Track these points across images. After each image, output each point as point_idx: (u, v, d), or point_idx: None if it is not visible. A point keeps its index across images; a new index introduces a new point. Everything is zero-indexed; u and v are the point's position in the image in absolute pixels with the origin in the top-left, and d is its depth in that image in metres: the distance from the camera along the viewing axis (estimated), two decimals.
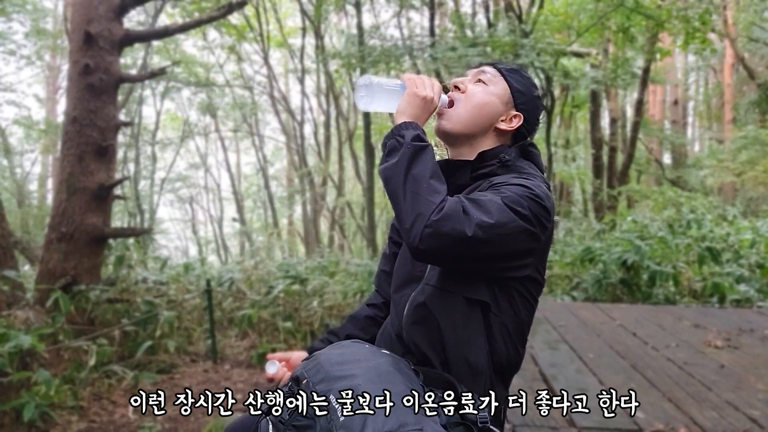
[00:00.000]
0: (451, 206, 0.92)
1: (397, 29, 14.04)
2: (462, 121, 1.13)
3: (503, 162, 1.10)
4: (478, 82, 1.15)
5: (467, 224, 0.91)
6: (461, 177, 1.12)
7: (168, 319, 4.26)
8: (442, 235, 0.90)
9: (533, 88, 1.18)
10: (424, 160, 0.98)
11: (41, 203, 15.56)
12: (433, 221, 0.90)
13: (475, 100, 1.13)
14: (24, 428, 2.98)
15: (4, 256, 3.75)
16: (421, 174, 0.97)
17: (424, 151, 0.99)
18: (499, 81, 1.15)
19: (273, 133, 21.45)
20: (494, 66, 1.17)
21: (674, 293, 5.93)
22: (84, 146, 4.35)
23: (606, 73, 9.78)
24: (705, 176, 14.19)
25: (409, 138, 1.00)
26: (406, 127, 1.02)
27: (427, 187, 0.95)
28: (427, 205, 0.92)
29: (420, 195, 0.94)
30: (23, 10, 12.80)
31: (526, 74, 1.19)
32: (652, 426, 2.36)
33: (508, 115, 1.14)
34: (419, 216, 0.92)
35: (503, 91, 1.14)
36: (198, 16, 8.80)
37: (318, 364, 0.93)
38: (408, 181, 0.96)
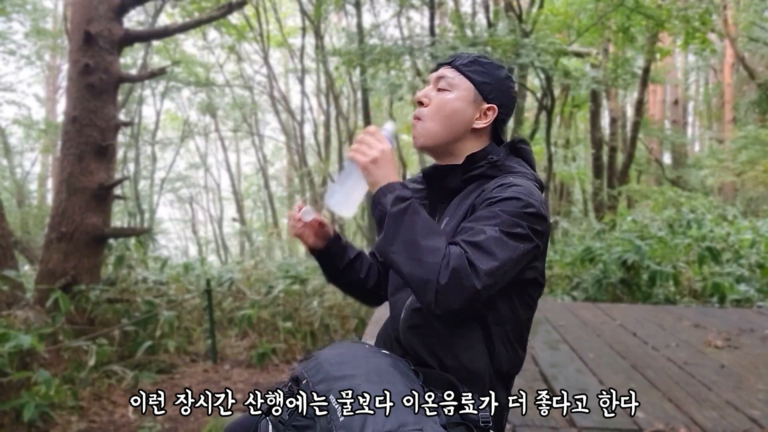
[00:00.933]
0: (455, 262, 0.90)
1: (397, 29, 14.05)
2: (434, 134, 1.10)
3: (492, 163, 1.08)
4: (440, 90, 1.11)
5: (476, 278, 0.90)
6: (452, 181, 1.11)
7: (168, 319, 4.26)
8: (455, 295, 0.90)
9: (497, 70, 1.13)
10: (410, 222, 0.95)
11: (41, 203, 15.55)
12: (442, 286, 0.89)
13: (442, 111, 1.09)
14: (24, 428, 2.98)
15: (4, 256, 3.75)
16: (412, 239, 0.93)
17: (406, 213, 0.96)
18: (460, 81, 1.10)
19: (273, 132, 21.46)
20: (452, 65, 1.12)
21: (674, 293, 5.92)
22: (84, 146, 4.35)
23: (606, 72, 9.78)
24: (705, 176, 14.18)
25: (389, 204, 0.97)
26: (383, 194, 0.99)
27: (425, 249, 0.92)
28: (431, 269, 0.90)
29: (420, 260, 0.92)
30: (23, 10, 12.79)
31: (486, 61, 1.13)
32: (652, 426, 2.36)
33: (481, 112, 1.11)
34: (427, 283, 0.90)
35: (467, 91, 1.10)
36: (198, 15, 8.80)
37: (318, 364, 0.92)
38: (402, 250, 0.94)
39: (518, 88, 11.04)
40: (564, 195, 16.44)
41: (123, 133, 13.82)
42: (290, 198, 19.22)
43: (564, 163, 15.38)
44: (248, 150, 22.13)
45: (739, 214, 9.15)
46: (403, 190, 0.99)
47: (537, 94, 11.10)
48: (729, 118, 16.02)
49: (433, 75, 1.14)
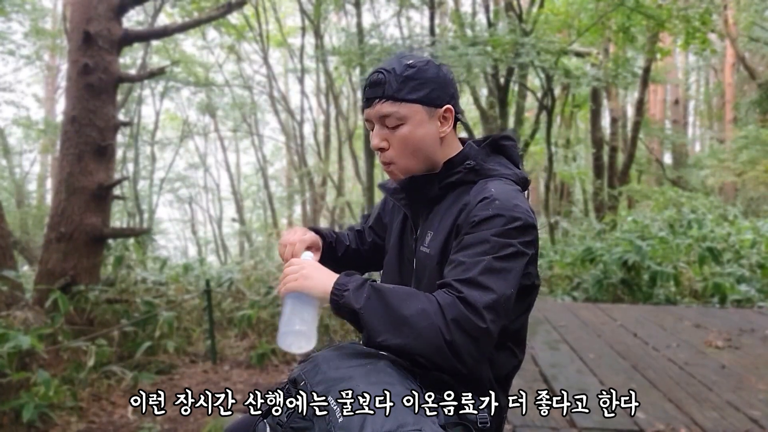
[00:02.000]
0: (452, 313, 0.87)
1: (397, 28, 14.04)
2: (412, 169, 1.06)
3: (470, 168, 1.05)
4: (393, 128, 1.03)
5: (478, 319, 0.87)
6: (430, 190, 1.07)
7: (167, 320, 4.25)
8: (470, 344, 0.87)
9: (427, 68, 1.03)
10: (383, 303, 0.90)
11: (40, 203, 15.54)
12: (452, 343, 0.86)
13: (409, 147, 1.03)
14: (23, 429, 2.97)
15: (3, 256, 3.74)
16: (395, 317, 0.88)
17: (372, 298, 0.90)
18: (406, 109, 1.01)
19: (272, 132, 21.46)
20: (386, 98, 1.01)
21: (675, 293, 5.92)
22: (83, 146, 4.34)
23: (607, 72, 9.77)
24: (706, 176, 14.18)
25: (353, 301, 0.91)
26: (339, 296, 0.92)
27: (413, 319, 0.87)
28: (432, 332, 0.86)
29: (418, 333, 0.87)
30: (22, 10, 12.78)
31: (412, 67, 1.02)
32: (653, 426, 2.35)
33: (440, 119, 1.05)
34: (438, 349, 0.86)
35: (418, 113, 1.02)
36: (197, 15, 8.79)
37: (316, 366, 0.92)
38: (395, 333, 0.88)
39: (518, 87, 11.07)
40: (564, 195, 16.43)
41: (122, 133, 13.82)
42: (290, 198, 19.22)
43: (564, 163, 15.37)
44: (248, 150, 22.14)
45: (739, 214, 9.16)
46: (351, 279, 0.94)
47: (537, 94, 11.09)
48: (730, 118, 16.02)
49: (371, 113, 1.04)
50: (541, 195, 14.15)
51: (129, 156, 15.54)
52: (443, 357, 0.87)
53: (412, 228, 1.15)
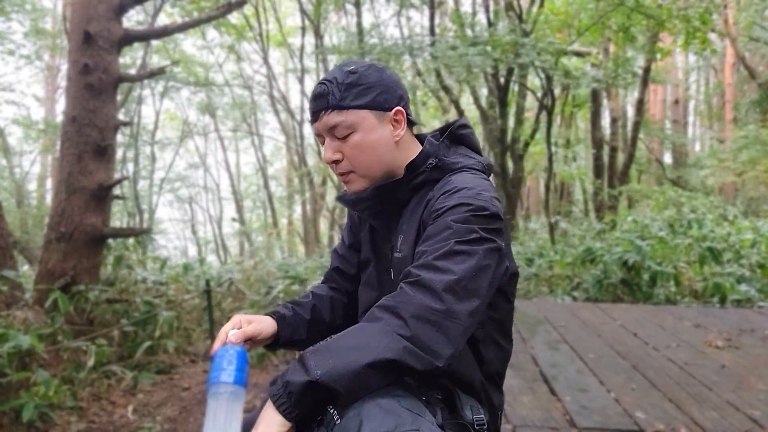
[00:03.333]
0: (407, 309, 0.81)
1: (397, 28, 14.05)
2: (371, 177, 1.03)
3: (433, 166, 1.03)
4: (343, 138, 1.00)
5: (435, 299, 0.82)
6: (399, 194, 1.05)
7: (167, 320, 4.25)
8: (435, 334, 0.81)
9: (370, 73, 1.00)
10: (327, 356, 0.79)
11: (40, 203, 15.55)
12: (413, 338, 0.80)
13: (362, 154, 1.00)
14: (23, 428, 2.97)
15: (3, 256, 3.74)
16: (348, 348, 0.80)
17: (314, 359, 0.79)
18: (354, 116, 0.98)
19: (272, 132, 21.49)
20: (331, 108, 0.99)
21: (675, 293, 5.92)
22: (83, 146, 4.34)
23: (607, 72, 9.77)
24: (706, 176, 14.19)
25: (300, 376, 0.78)
26: (283, 397, 0.78)
27: (369, 341, 0.80)
28: (394, 341, 0.79)
29: (379, 347, 0.79)
30: (22, 10, 12.78)
31: (355, 73, 0.99)
32: (653, 426, 2.35)
33: (392, 124, 1.02)
34: (406, 351, 0.79)
35: (367, 118, 0.99)
36: (197, 15, 8.79)
37: None
38: (360, 356, 0.78)
39: (518, 87, 11.07)
40: (564, 195, 16.44)
41: (122, 133, 13.82)
42: (290, 198, 19.21)
43: (564, 163, 15.38)
44: (248, 150, 22.16)
45: (739, 214, 9.16)
46: (279, 376, 0.81)
47: (537, 94, 11.09)
48: (730, 118, 16.02)
49: (319, 126, 1.02)
50: (541, 195, 14.15)
51: (129, 156, 15.54)
52: (416, 357, 0.80)
53: (384, 237, 1.12)
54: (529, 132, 10.99)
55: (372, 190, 1.04)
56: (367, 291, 1.15)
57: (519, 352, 3.50)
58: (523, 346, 3.69)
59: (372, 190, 1.04)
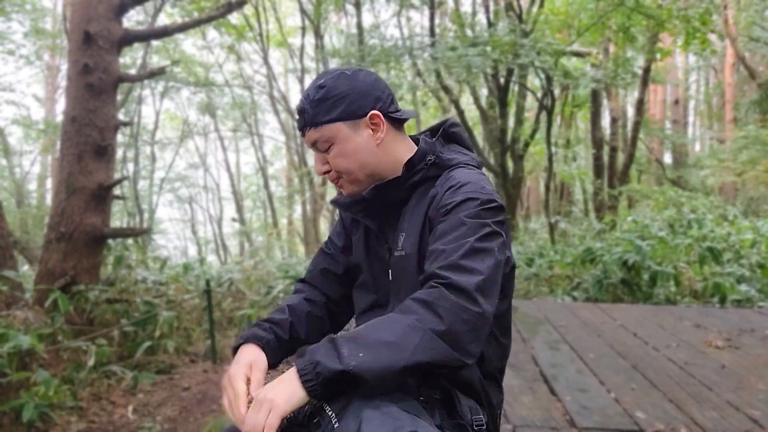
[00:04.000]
0: (442, 305, 0.82)
1: (397, 29, 14.05)
2: (360, 180, 1.05)
3: (431, 163, 1.05)
4: (326, 152, 1.04)
5: (472, 302, 0.84)
6: (396, 194, 1.06)
7: (167, 320, 4.25)
8: (469, 333, 0.83)
9: (338, 83, 1.02)
10: (360, 347, 0.80)
11: (40, 203, 15.55)
12: (449, 336, 0.81)
13: (346, 161, 1.03)
14: (23, 428, 2.97)
15: (3, 256, 3.74)
16: (384, 344, 0.80)
17: (348, 347, 0.80)
18: (328, 131, 1.01)
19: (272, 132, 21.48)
20: (309, 127, 1.02)
21: (675, 293, 5.92)
22: (83, 146, 4.34)
23: (606, 72, 9.78)
24: (706, 176, 14.20)
25: (333, 364, 0.79)
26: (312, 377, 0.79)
27: (403, 337, 0.80)
28: (428, 339, 0.80)
29: (414, 346, 0.80)
30: (22, 10, 12.78)
31: (323, 86, 1.01)
32: (653, 426, 2.35)
33: (370, 128, 1.03)
34: (442, 350, 0.81)
35: (340, 130, 1.01)
36: (197, 15, 8.79)
37: None
38: (396, 358, 0.79)
39: (518, 88, 11.07)
40: (564, 195, 16.45)
41: (122, 133, 13.82)
42: (290, 198, 19.21)
43: (564, 163, 15.39)
44: (248, 150, 22.16)
45: (739, 214, 9.16)
46: (311, 352, 0.83)
47: (537, 94, 11.10)
48: (730, 118, 16.02)
49: (305, 141, 1.07)
50: (541, 195, 14.15)
51: (129, 156, 15.54)
52: (449, 356, 0.82)
53: (379, 238, 1.12)
54: (529, 132, 10.99)
55: (371, 190, 1.05)
56: (363, 294, 1.15)
57: (519, 352, 3.50)
58: (524, 346, 3.69)
59: (371, 190, 1.05)
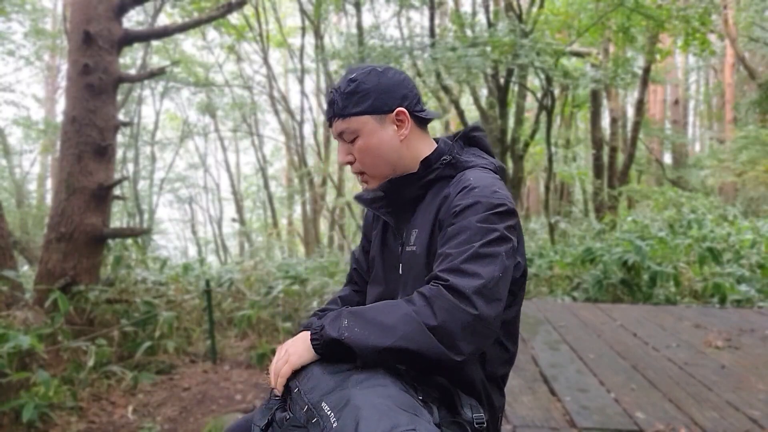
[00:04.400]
0: (438, 301, 0.86)
1: (397, 29, 14.05)
2: (382, 173, 1.08)
3: (447, 163, 1.06)
4: (352, 142, 1.07)
5: (468, 304, 0.86)
6: (410, 190, 1.08)
7: (167, 320, 4.25)
8: (463, 333, 0.85)
9: (368, 78, 1.05)
10: (359, 323, 0.89)
11: (40, 203, 15.54)
12: (440, 330, 0.84)
13: (370, 155, 1.06)
14: (23, 429, 2.97)
15: (3, 256, 3.74)
16: (379, 325, 0.87)
17: (351, 322, 0.90)
18: (355, 123, 1.05)
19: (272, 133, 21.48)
20: (336, 117, 1.06)
21: (675, 293, 5.92)
22: (83, 146, 4.34)
23: (606, 72, 9.78)
24: (706, 176, 14.20)
25: (332, 331, 0.90)
26: (318, 336, 0.92)
27: (398, 323, 0.86)
28: (419, 330, 0.85)
29: (405, 332, 0.85)
30: (22, 10, 12.78)
31: (353, 80, 1.05)
32: (653, 426, 2.35)
33: (395, 124, 1.06)
34: (431, 343, 0.85)
35: (367, 123, 1.05)
36: (197, 15, 8.79)
37: (311, 375, 0.92)
38: (383, 338, 0.86)
39: (518, 88, 11.08)
40: (564, 195, 16.45)
41: (122, 133, 13.82)
42: (290, 198, 19.21)
43: (564, 163, 15.39)
44: (248, 150, 22.16)
45: (739, 215, 9.16)
46: (325, 317, 0.95)
47: (537, 94, 11.10)
48: (729, 118, 16.03)
49: (333, 132, 1.11)
50: (541, 195, 14.15)
51: (129, 156, 15.54)
52: (436, 350, 0.85)
53: (395, 233, 1.14)
54: (529, 132, 10.99)
55: (386, 183, 1.08)
56: (374, 287, 1.18)
57: (519, 353, 3.47)
58: (524, 346, 3.69)
59: (386, 183, 1.08)
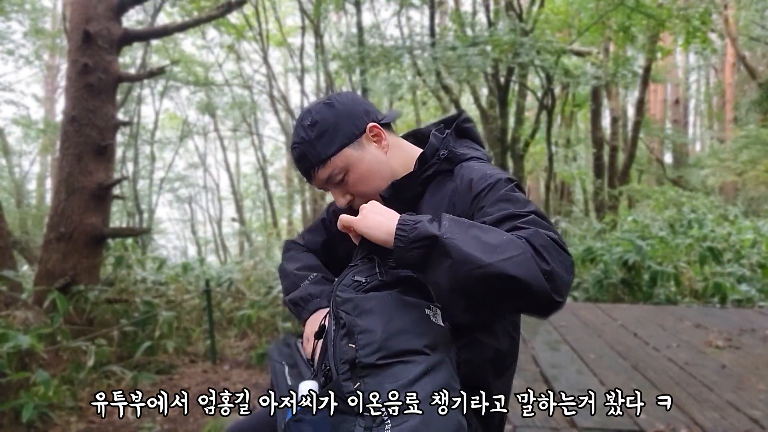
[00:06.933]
0: (539, 240, 0.79)
1: (397, 28, 14.04)
2: (380, 191, 1.04)
3: (444, 158, 1.04)
4: (340, 183, 1.04)
5: (562, 249, 0.81)
6: (412, 188, 1.06)
7: (167, 320, 4.24)
8: (564, 275, 0.79)
9: (328, 114, 1.02)
10: (462, 229, 0.80)
11: (40, 203, 15.54)
12: (548, 271, 0.76)
13: (364, 185, 1.03)
14: (23, 429, 2.96)
15: (3, 256, 3.74)
16: (483, 242, 0.78)
17: (452, 226, 0.81)
18: (337, 161, 1.01)
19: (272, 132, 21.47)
20: (317, 166, 1.02)
21: (675, 293, 5.91)
22: (83, 146, 4.33)
23: (606, 70, 9.77)
24: (706, 176, 14.19)
25: (431, 228, 0.81)
26: (408, 230, 0.82)
27: (503, 244, 0.78)
28: (526, 259, 0.76)
29: (512, 256, 0.76)
30: (22, 10, 12.77)
31: (308, 126, 1.02)
32: (653, 426, 2.35)
33: (373, 141, 1.04)
34: (536, 276, 0.75)
35: (348, 156, 1.01)
36: (197, 15, 8.79)
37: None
38: (489, 255, 0.76)
39: (518, 87, 11.06)
40: (565, 195, 16.44)
41: (122, 133, 13.81)
42: (290, 198, 19.20)
43: (565, 162, 15.38)
44: (247, 150, 22.14)
45: (740, 214, 9.15)
46: (419, 215, 0.86)
47: (537, 94, 11.09)
48: (730, 118, 16.02)
49: (317, 184, 1.06)
50: (542, 195, 14.14)
51: (129, 156, 15.51)
52: (544, 287, 0.76)
53: None
54: (530, 131, 10.98)
55: (388, 188, 1.05)
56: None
57: (519, 353, 3.49)
58: (524, 346, 3.68)
59: (388, 188, 1.05)
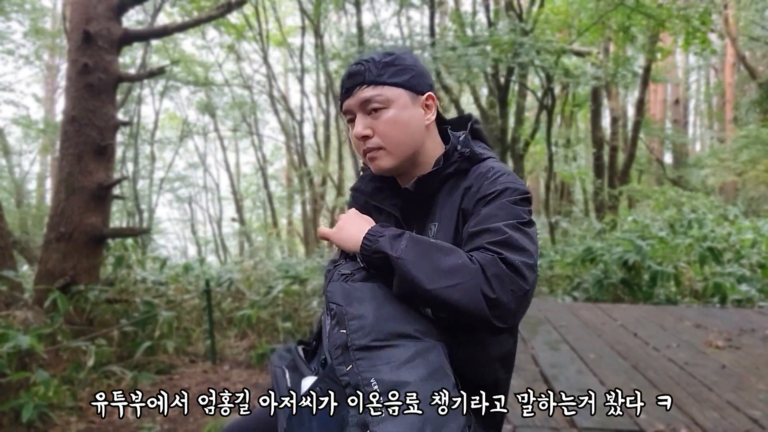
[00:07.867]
0: (493, 270, 0.83)
1: (397, 28, 14.04)
2: (400, 155, 1.03)
3: (467, 156, 1.05)
4: (373, 113, 1.01)
5: (520, 279, 0.84)
6: (430, 186, 1.05)
7: (167, 320, 4.24)
8: (513, 305, 0.83)
9: (407, 58, 1.04)
10: (418, 253, 0.86)
11: (40, 203, 15.55)
12: (493, 300, 0.81)
13: (395, 130, 1.01)
14: (23, 429, 2.96)
15: (3, 256, 3.74)
16: (435, 265, 0.84)
17: (410, 247, 0.87)
18: (389, 92, 1.00)
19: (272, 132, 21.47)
20: (367, 83, 1.01)
21: (675, 293, 5.91)
22: (83, 146, 4.33)
23: (606, 70, 9.77)
24: (706, 176, 14.20)
25: (388, 248, 0.87)
26: (372, 242, 0.90)
27: (454, 269, 0.83)
28: (473, 287, 0.81)
29: (459, 283, 0.81)
30: (22, 10, 12.78)
31: (392, 55, 1.03)
32: (653, 426, 2.35)
33: (423, 106, 1.05)
34: (478, 305, 0.81)
35: (402, 96, 1.01)
36: (197, 15, 8.79)
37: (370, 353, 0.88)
38: (433, 282, 0.82)
39: (518, 87, 11.06)
40: (565, 195, 16.44)
41: (122, 133, 13.81)
42: (290, 198, 19.21)
43: (565, 162, 15.39)
44: (247, 150, 22.14)
45: (740, 214, 9.15)
46: (387, 228, 0.93)
47: (537, 93, 11.09)
48: (730, 118, 16.02)
49: (351, 102, 1.03)
50: (541, 195, 14.14)
51: (129, 156, 15.52)
52: (482, 314, 0.81)
53: (402, 227, 1.09)
54: (530, 131, 10.98)
55: (413, 183, 1.04)
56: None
57: (519, 353, 3.48)
58: (524, 346, 3.68)
59: (413, 183, 1.04)
